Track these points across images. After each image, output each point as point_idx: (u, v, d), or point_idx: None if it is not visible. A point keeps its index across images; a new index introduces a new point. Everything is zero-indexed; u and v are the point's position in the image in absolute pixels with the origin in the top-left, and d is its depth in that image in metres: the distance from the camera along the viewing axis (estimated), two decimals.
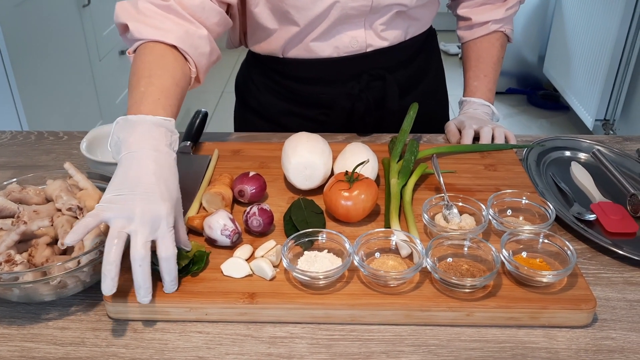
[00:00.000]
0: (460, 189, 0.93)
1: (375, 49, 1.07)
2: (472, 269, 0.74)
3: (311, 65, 1.08)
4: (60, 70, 2.31)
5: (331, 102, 1.12)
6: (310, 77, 1.11)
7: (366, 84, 1.10)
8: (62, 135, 1.16)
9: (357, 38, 1.05)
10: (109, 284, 0.66)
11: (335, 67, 1.08)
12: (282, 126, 1.17)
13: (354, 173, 0.84)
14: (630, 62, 2.62)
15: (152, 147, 0.74)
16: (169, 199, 0.71)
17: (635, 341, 0.69)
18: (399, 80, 1.12)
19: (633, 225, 0.86)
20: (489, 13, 1.15)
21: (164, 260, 0.69)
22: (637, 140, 1.13)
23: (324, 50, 1.06)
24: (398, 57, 1.11)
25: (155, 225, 0.68)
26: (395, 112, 1.12)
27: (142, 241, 0.67)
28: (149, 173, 0.71)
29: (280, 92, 1.15)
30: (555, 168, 1.01)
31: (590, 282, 0.77)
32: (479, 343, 0.69)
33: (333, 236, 0.77)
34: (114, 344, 0.69)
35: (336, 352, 0.68)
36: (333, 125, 1.14)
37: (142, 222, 0.67)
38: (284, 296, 0.71)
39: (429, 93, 1.20)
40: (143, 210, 0.68)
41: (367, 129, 1.14)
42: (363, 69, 1.09)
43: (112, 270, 0.65)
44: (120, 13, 0.92)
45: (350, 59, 1.07)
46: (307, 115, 1.16)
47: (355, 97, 1.10)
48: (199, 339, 0.69)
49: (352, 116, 1.13)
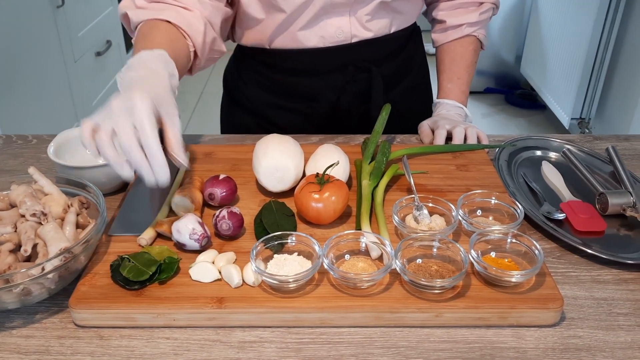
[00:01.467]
0: (432, 189, 0.93)
1: (361, 39, 1.08)
2: (442, 269, 0.74)
3: (297, 55, 1.09)
4: (34, 72, 2.28)
5: (317, 94, 1.13)
6: (296, 68, 1.12)
7: (351, 77, 1.11)
8: (31, 139, 1.14)
9: (343, 28, 1.06)
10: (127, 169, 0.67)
11: (321, 58, 1.09)
12: (268, 120, 1.18)
13: (324, 175, 0.84)
14: (604, 61, 2.66)
15: (141, 65, 0.77)
16: (148, 92, 0.69)
17: (602, 339, 0.69)
18: (383, 73, 1.13)
19: (601, 224, 0.87)
20: (463, 16, 1.17)
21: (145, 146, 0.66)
22: (607, 140, 1.14)
23: (309, 39, 1.07)
24: (383, 50, 1.13)
25: (132, 113, 0.67)
26: (380, 106, 1.13)
27: (126, 129, 0.66)
28: (132, 81, 0.74)
29: (267, 85, 1.16)
30: (527, 167, 1.02)
31: (559, 280, 0.78)
32: (448, 344, 0.69)
33: (302, 239, 0.77)
34: (79, 351, 0.67)
35: (305, 356, 0.67)
36: (319, 118, 1.16)
37: (119, 113, 0.67)
38: (253, 300, 0.71)
39: (413, 88, 1.22)
40: (118, 102, 0.68)
41: (352, 122, 1.15)
42: (348, 61, 1.10)
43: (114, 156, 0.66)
44: (121, 6, 0.98)
45: (336, 49, 1.08)
46: (293, 108, 1.17)
47: (341, 90, 1.12)
48: (166, 345, 0.68)
49: (337, 109, 1.14)
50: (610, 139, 1.14)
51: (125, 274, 0.72)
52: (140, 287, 0.72)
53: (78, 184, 0.83)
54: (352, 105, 1.14)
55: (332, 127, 1.17)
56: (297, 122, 1.17)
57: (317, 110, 1.15)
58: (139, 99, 0.67)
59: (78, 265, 0.73)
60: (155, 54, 0.81)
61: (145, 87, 0.72)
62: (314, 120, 1.16)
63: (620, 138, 1.15)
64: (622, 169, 0.97)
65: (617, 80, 2.64)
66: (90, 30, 2.78)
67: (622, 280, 0.78)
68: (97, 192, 0.80)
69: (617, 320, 0.72)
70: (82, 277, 0.74)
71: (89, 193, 0.82)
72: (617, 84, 2.65)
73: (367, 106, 1.14)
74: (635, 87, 2.45)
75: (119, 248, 0.79)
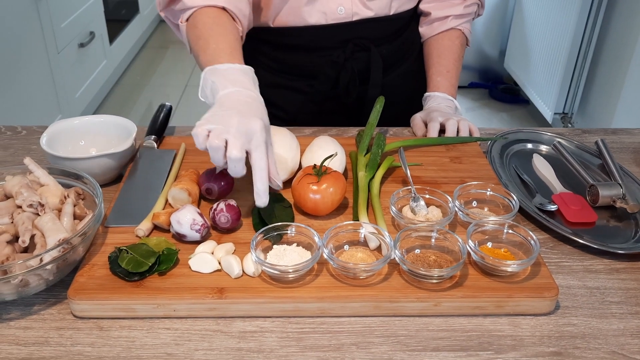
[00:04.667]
0: (427, 181, 0.94)
1: (361, 17, 1.11)
2: (440, 259, 0.75)
3: (299, 32, 1.11)
4: (15, 63, 2.24)
5: (317, 71, 1.15)
6: (297, 44, 1.14)
7: (351, 54, 1.13)
8: (21, 130, 1.12)
9: (344, 4, 1.09)
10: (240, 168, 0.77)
11: (322, 35, 1.11)
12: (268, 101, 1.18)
13: (322, 166, 0.84)
14: (587, 57, 2.70)
15: (244, 87, 0.83)
16: (262, 118, 0.78)
17: (596, 327, 0.71)
18: (382, 53, 1.16)
19: (592, 215, 0.89)
20: (448, 9, 1.19)
21: (257, 169, 0.76)
22: (595, 133, 1.16)
23: (312, 15, 1.09)
24: (383, 30, 1.15)
25: (249, 136, 0.76)
26: (378, 86, 1.16)
27: (239, 147, 0.75)
28: (240, 103, 0.80)
29: (267, 64, 1.18)
30: (518, 160, 1.04)
31: (553, 270, 0.79)
32: (447, 332, 0.70)
33: (302, 230, 0.77)
34: (79, 342, 0.67)
35: (306, 345, 0.68)
36: (318, 96, 1.18)
37: (238, 132, 0.75)
38: (253, 290, 0.71)
39: (411, 73, 1.24)
40: (239, 122, 0.76)
41: (350, 99, 1.17)
42: (349, 38, 1.12)
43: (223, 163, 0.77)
44: None
45: (337, 26, 1.11)
46: (293, 86, 1.18)
47: (341, 66, 1.14)
48: (167, 335, 0.68)
49: (336, 85, 1.16)
50: (598, 132, 1.17)
51: (125, 266, 0.72)
52: (140, 278, 0.72)
53: (73, 175, 0.82)
54: (351, 84, 1.15)
55: (331, 106, 1.18)
56: (296, 101, 1.18)
57: (317, 88, 1.17)
58: (259, 128, 0.76)
59: (76, 256, 0.73)
60: (246, 72, 0.87)
61: (258, 113, 0.79)
62: (313, 98, 1.18)
63: (608, 132, 1.17)
64: (612, 161, 0.99)
65: (599, 75, 2.69)
66: (74, 21, 2.74)
67: (613, 269, 0.80)
68: (94, 183, 0.80)
69: (609, 309, 0.74)
70: (80, 268, 0.74)
71: (85, 184, 0.81)
72: (599, 79, 2.69)
73: (365, 86, 1.16)
74: (617, 82, 2.50)
75: (116, 239, 0.79)
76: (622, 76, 2.45)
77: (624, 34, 2.46)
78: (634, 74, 2.38)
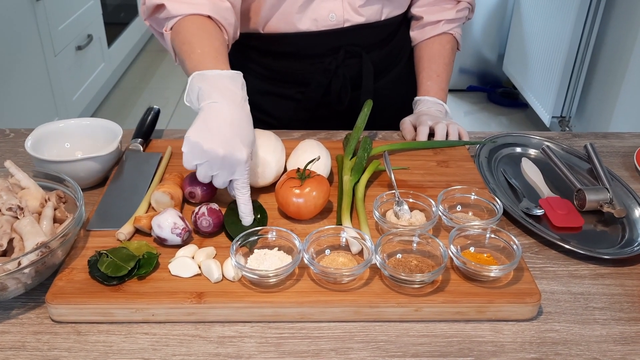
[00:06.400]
0: (413, 185, 0.93)
1: (353, 24, 1.10)
2: (421, 264, 0.74)
3: (290, 39, 1.10)
4: (13, 66, 2.24)
5: (308, 78, 1.15)
6: (288, 51, 1.13)
7: (342, 61, 1.13)
8: (9, 132, 1.12)
9: (335, 11, 1.08)
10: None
11: (313, 41, 1.11)
12: (259, 108, 1.19)
13: (305, 170, 0.84)
14: (584, 61, 2.69)
15: (230, 99, 0.81)
16: (248, 145, 0.79)
17: (578, 333, 0.70)
18: (373, 59, 1.15)
19: (579, 220, 0.88)
20: (440, 13, 1.19)
21: (240, 192, 0.81)
22: (585, 137, 1.15)
23: (303, 22, 1.08)
24: (374, 36, 1.15)
25: (233, 168, 0.78)
26: (369, 92, 1.15)
27: (223, 179, 0.80)
28: (226, 124, 0.79)
29: (258, 71, 1.17)
30: (507, 164, 1.03)
31: (537, 275, 0.79)
32: (427, 338, 0.69)
33: (283, 233, 0.77)
34: (56, 347, 0.67)
35: (285, 351, 0.67)
36: (310, 102, 1.17)
37: (223, 166, 0.78)
38: (232, 295, 0.71)
39: (401, 78, 1.24)
40: (224, 157, 0.77)
41: (342, 106, 1.16)
42: (340, 44, 1.12)
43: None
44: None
45: (328, 33, 1.10)
46: (284, 94, 1.18)
47: (332, 73, 1.13)
48: (145, 340, 0.68)
49: (328, 93, 1.15)
50: (588, 136, 1.16)
51: (104, 270, 0.71)
52: (118, 282, 0.71)
53: (56, 178, 0.82)
54: (343, 91, 1.15)
55: (323, 113, 1.18)
56: (288, 108, 1.18)
57: (308, 95, 1.16)
58: (244, 160, 0.78)
59: (55, 260, 0.72)
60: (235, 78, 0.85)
61: (244, 137, 0.79)
62: (304, 105, 1.17)
63: (598, 135, 1.17)
64: (600, 165, 0.98)
65: (597, 79, 2.68)
66: (71, 24, 2.75)
67: (598, 275, 0.79)
68: (75, 186, 0.79)
69: (593, 315, 0.73)
70: (60, 272, 0.73)
71: (67, 187, 0.81)
72: (597, 83, 2.68)
73: (357, 93, 1.15)
74: (615, 85, 2.49)
75: (97, 243, 0.78)
76: (619, 80, 2.44)
77: (621, 38, 2.45)
78: (631, 78, 2.37)
